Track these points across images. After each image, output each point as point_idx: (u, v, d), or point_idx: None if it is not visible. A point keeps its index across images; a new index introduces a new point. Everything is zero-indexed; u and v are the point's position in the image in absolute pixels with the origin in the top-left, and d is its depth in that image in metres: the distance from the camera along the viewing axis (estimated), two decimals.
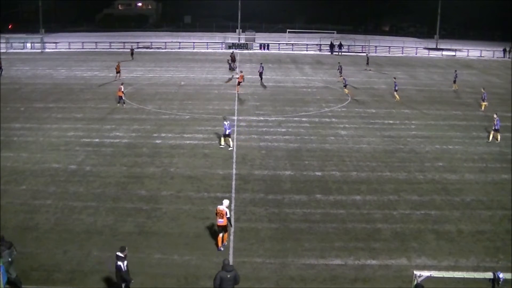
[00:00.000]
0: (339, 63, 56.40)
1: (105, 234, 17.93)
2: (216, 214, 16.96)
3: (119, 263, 13.67)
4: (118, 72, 47.72)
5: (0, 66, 50.73)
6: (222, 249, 17.11)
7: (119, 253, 13.79)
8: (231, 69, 54.98)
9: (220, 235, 17.15)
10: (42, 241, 17.39)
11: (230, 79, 47.62)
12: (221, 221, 16.91)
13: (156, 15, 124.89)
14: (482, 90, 39.50)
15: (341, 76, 50.48)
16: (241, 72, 46.61)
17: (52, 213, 19.47)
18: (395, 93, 41.13)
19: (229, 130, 27.25)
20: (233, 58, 56.86)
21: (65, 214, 19.42)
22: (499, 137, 29.58)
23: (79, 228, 18.36)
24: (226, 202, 17.17)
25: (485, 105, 37.96)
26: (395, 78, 43.74)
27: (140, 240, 17.53)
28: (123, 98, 36.86)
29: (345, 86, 42.83)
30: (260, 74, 48.13)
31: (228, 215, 16.97)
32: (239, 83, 42.38)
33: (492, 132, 29.75)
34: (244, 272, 15.40)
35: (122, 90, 36.97)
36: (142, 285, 14.98)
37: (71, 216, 19.27)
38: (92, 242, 17.34)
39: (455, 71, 49.74)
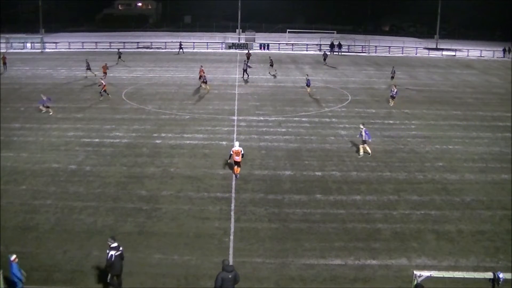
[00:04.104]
0: (270, 57, 57.03)
1: (105, 234, 17.86)
2: (231, 154, 22.38)
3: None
4: (104, 72, 47.84)
5: (5, 64, 51.43)
6: (238, 176, 22.61)
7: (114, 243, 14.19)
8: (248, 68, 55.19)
9: (236, 167, 22.63)
10: (42, 241, 17.39)
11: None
12: (238, 158, 22.32)
13: (156, 15, 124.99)
14: (394, 87, 38.67)
15: (272, 65, 52.84)
16: (201, 66, 46.55)
17: (52, 213, 19.48)
18: (307, 88, 42.20)
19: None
20: (248, 56, 59.09)
21: (65, 214, 19.43)
22: (368, 149, 26.56)
23: (79, 228, 18.37)
24: (237, 142, 22.90)
25: (393, 102, 38.10)
26: (307, 75, 44.78)
27: (140, 240, 17.53)
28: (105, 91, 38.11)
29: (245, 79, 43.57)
30: (245, 71, 48.46)
31: (243, 152, 22.44)
32: (200, 77, 42.90)
33: (361, 146, 26.57)
34: (244, 272, 15.40)
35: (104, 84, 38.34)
36: (142, 285, 15.00)
37: (71, 216, 19.27)
38: (92, 242, 17.34)
39: (393, 67, 50.81)
